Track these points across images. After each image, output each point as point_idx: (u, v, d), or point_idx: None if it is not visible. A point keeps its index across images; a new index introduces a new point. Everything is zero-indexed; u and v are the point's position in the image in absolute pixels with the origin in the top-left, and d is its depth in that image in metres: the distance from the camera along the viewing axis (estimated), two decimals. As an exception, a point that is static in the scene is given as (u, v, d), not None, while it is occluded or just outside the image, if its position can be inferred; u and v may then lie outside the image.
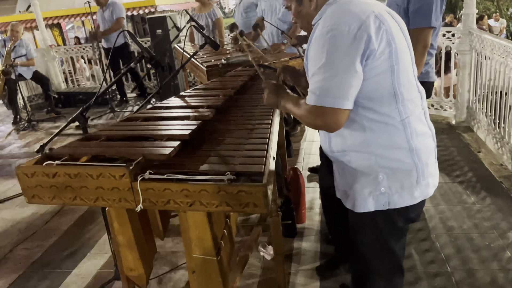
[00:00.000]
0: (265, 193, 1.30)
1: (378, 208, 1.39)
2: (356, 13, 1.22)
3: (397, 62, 1.27)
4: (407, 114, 1.32)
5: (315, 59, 1.25)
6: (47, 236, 2.97)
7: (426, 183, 1.39)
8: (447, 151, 3.66)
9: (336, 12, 1.27)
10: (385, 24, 1.24)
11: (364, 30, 1.20)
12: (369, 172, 1.37)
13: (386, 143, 1.32)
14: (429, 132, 1.40)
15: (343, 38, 1.20)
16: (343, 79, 1.20)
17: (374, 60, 1.23)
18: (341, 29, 1.20)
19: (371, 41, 1.21)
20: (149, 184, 1.39)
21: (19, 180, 1.54)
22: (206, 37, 2.36)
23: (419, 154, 1.34)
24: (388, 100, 1.29)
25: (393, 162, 1.34)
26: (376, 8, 1.27)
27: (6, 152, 4.96)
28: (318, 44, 1.24)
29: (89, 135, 1.78)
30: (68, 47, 7.59)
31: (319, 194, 3.14)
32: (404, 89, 1.30)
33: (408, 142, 1.32)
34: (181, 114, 1.95)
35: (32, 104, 6.78)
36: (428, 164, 1.38)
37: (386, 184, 1.36)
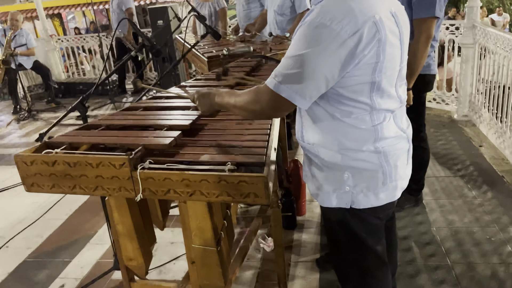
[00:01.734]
0: (266, 183, 1.29)
1: (341, 205, 1.37)
2: (355, 15, 1.11)
3: (380, 76, 1.20)
4: (380, 120, 1.28)
5: (297, 45, 1.16)
6: (47, 226, 2.96)
7: (393, 186, 1.35)
8: (448, 145, 3.64)
9: (336, 5, 1.15)
10: (381, 33, 1.14)
11: (356, 39, 1.11)
12: (335, 169, 1.34)
13: (354, 145, 1.29)
14: (403, 135, 1.35)
15: (332, 38, 1.10)
16: (313, 81, 1.15)
17: (355, 68, 1.16)
18: (333, 28, 1.10)
19: (359, 49, 1.12)
20: (149, 173, 1.38)
21: (18, 168, 1.53)
22: (207, 26, 2.34)
23: (386, 156, 1.30)
24: (361, 107, 1.25)
25: (359, 162, 1.30)
26: (380, 9, 1.16)
27: (6, 141, 4.95)
28: (306, 31, 1.15)
29: (89, 124, 1.77)
30: (69, 37, 7.54)
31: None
32: (381, 100, 1.25)
33: (375, 145, 1.29)
34: (181, 104, 1.94)
35: (32, 94, 6.75)
36: (397, 166, 1.34)
37: (351, 183, 1.33)
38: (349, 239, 1.44)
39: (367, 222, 1.41)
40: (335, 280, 2.11)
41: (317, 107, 1.29)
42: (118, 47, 6.26)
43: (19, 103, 6.10)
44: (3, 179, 3.82)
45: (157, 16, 5.98)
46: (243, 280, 2.20)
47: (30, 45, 6.01)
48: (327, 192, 1.38)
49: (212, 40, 4.23)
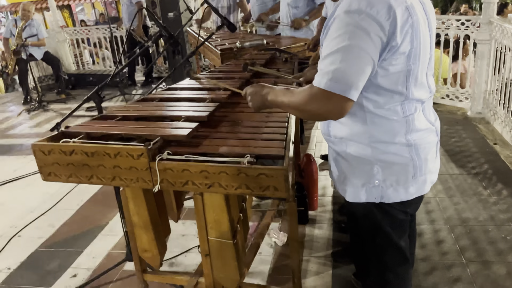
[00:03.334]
0: (286, 177, 1.27)
1: (370, 200, 1.36)
2: (387, 1, 1.12)
3: (415, 62, 1.20)
4: (411, 111, 1.28)
5: (337, 38, 1.13)
6: (58, 216, 2.97)
7: (423, 179, 1.35)
8: (462, 142, 3.60)
9: None
10: (413, 19, 1.15)
11: (392, 21, 1.11)
12: (365, 163, 1.32)
13: (385, 137, 1.28)
14: (432, 128, 1.35)
15: (370, 23, 1.10)
16: (360, 68, 1.12)
17: (393, 56, 1.16)
18: (369, 13, 1.10)
19: (395, 35, 1.12)
20: (168, 164, 1.37)
21: (35, 157, 1.52)
22: (223, 18, 2.31)
23: (417, 149, 1.30)
24: (396, 97, 1.24)
25: (390, 155, 1.29)
26: None
27: (17, 131, 4.97)
28: (342, 22, 1.13)
29: (105, 114, 1.76)
30: (79, 29, 7.54)
31: (331, 182, 3.11)
32: (414, 89, 1.25)
33: (406, 137, 1.28)
34: (197, 96, 1.92)
35: (43, 85, 6.77)
36: (428, 160, 1.34)
37: (381, 177, 1.32)
38: (374, 234, 1.43)
39: (395, 217, 1.41)
40: (348, 276, 2.10)
41: None
42: (127, 40, 6.24)
43: (29, 94, 6.12)
44: (15, 169, 3.84)
45: (168, 8, 5.95)
46: (256, 274, 2.19)
47: (41, 35, 6.02)
48: (356, 187, 1.37)
49: (224, 33, 4.22)
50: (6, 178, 3.65)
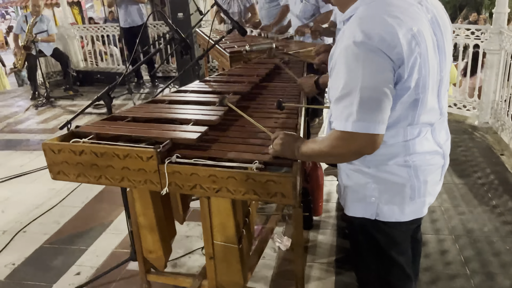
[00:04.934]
0: (294, 184, 1.28)
1: (366, 216, 1.34)
2: (393, 29, 1.07)
3: (423, 91, 1.16)
4: (413, 136, 1.23)
5: (347, 75, 1.10)
6: (63, 213, 2.99)
7: (421, 202, 1.31)
8: (468, 151, 3.59)
9: (370, 18, 1.11)
10: (421, 47, 1.10)
11: (399, 51, 1.07)
12: (362, 178, 1.30)
13: (383, 158, 1.25)
14: (439, 150, 1.30)
15: (378, 55, 1.06)
16: (381, 101, 1.09)
17: (401, 86, 1.13)
18: (374, 44, 1.06)
19: (403, 66, 1.09)
20: (176, 168, 1.38)
21: (45, 155, 1.53)
22: (234, 22, 2.31)
23: (417, 170, 1.26)
24: (401, 123, 1.21)
25: (386, 174, 1.26)
26: (417, 20, 1.12)
27: (24, 127, 5.00)
28: (350, 56, 1.09)
29: (115, 115, 1.77)
30: (88, 26, 7.58)
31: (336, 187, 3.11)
32: (422, 115, 1.21)
33: (405, 158, 1.24)
34: (206, 99, 1.93)
35: (50, 80, 6.81)
36: (427, 182, 1.29)
37: (377, 194, 1.29)
38: (372, 249, 1.41)
39: (391, 235, 1.37)
40: (351, 282, 2.10)
41: None
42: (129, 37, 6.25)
43: (37, 89, 6.15)
44: (21, 164, 3.86)
45: (178, 8, 5.98)
46: (259, 278, 2.20)
47: (51, 31, 6.05)
48: (353, 201, 1.36)
49: (233, 36, 4.23)
50: (12, 173, 3.67)
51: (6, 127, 5.01)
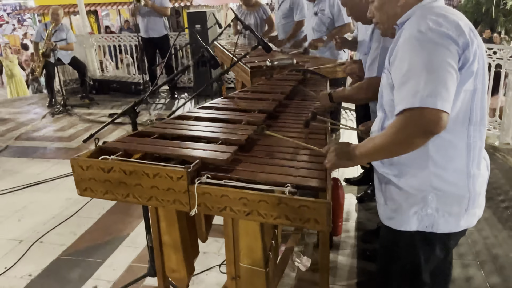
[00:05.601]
0: (328, 210, 1.25)
1: (420, 228, 1.33)
2: (455, 20, 1.18)
3: (481, 82, 1.23)
4: (475, 138, 1.27)
5: (413, 58, 1.13)
6: (80, 224, 2.98)
7: (473, 213, 1.34)
8: (490, 173, 3.51)
9: (431, 14, 1.20)
10: (477, 40, 1.20)
11: (463, 37, 1.15)
12: (419, 190, 1.30)
13: (446, 163, 1.26)
14: (486, 162, 1.37)
15: (444, 39, 1.13)
16: (448, 80, 1.10)
17: (464, 72, 1.17)
18: (440, 30, 1.14)
19: (468, 50, 1.16)
20: (206, 189, 1.35)
21: (73, 171, 1.52)
22: (259, 39, 2.31)
23: (475, 181, 1.28)
24: (461, 119, 1.24)
25: (448, 184, 1.27)
26: (466, 21, 1.23)
27: (41, 134, 5.04)
28: (416, 42, 1.15)
29: (142, 131, 1.76)
30: (106, 35, 7.67)
31: (355, 206, 3.07)
32: (479, 112, 1.25)
33: (468, 167, 1.26)
34: (233, 117, 1.91)
35: (67, 88, 6.87)
36: (480, 194, 1.33)
37: (435, 206, 1.29)
38: (405, 263, 1.41)
39: (434, 249, 1.38)
40: (374, 308, 2.04)
41: None
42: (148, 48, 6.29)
43: (54, 97, 6.22)
44: (38, 172, 3.88)
45: (195, 21, 6.03)
46: (279, 299, 2.16)
47: (70, 40, 6.12)
48: (407, 214, 1.34)
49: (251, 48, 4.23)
50: (29, 181, 3.69)
51: (23, 134, 5.05)
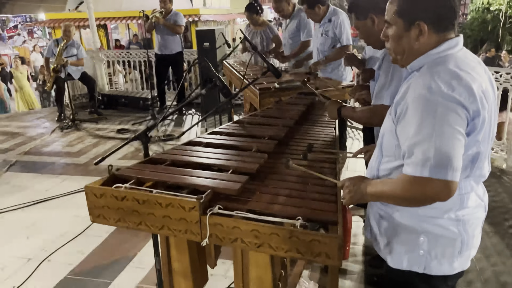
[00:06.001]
0: (340, 245, 1.26)
1: (412, 269, 1.34)
2: (468, 83, 1.14)
3: (484, 145, 1.22)
4: (467, 190, 1.28)
5: (423, 122, 1.13)
6: (88, 242, 3.00)
7: (467, 255, 1.34)
8: (498, 197, 3.51)
9: (445, 72, 1.16)
10: (488, 102, 1.18)
11: (474, 105, 1.13)
12: (411, 231, 1.31)
13: (436, 212, 1.27)
14: (481, 203, 1.35)
15: (455, 105, 1.11)
16: (457, 148, 1.12)
17: (471, 138, 1.17)
18: (452, 95, 1.12)
19: (478, 118, 1.15)
20: (218, 220, 1.37)
21: (87, 198, 1.55)
22: (269, 64, 2.35)
23: (465, 225, 1.29)
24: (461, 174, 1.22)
25: (438, 228, 1.28)
26: (483, 79, 1.20)
27: (50, 149, 5.09)
28: (425, 104, 1.13)
29: (154, 158, 1.79)
30: (116, 51, 7.79)
31: (362, 230, 3.06)
32: (477, 169, 1.26)
33: (456, 213, 1.27)
34: (243, 144, 1.94)
35: (76, 103, 6.93)
36: (474, 236, 1.33)
37: (426, 247, 1.30)
38: None
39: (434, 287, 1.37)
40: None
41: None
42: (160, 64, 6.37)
43: (63, 112, 6.29)
44: (46, 189, 3.91)
45: (204, 38, 6.11)
46: (286, 325, 2.15)
47: (81, 55, 6.22)
48: (399, 253, 1.35)
49: (260, 69, 4.29)
50: (38, 197, 3.72)
51: (32, 148, 5.11)
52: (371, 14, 1.98)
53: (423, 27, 1.22)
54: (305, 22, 4.29)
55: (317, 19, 3.83)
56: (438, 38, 1.23)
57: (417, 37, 1.24)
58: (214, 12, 14.42)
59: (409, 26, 1.24)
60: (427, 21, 1.22)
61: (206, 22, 13.04)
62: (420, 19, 1.22)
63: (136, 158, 4.45)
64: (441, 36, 1.23)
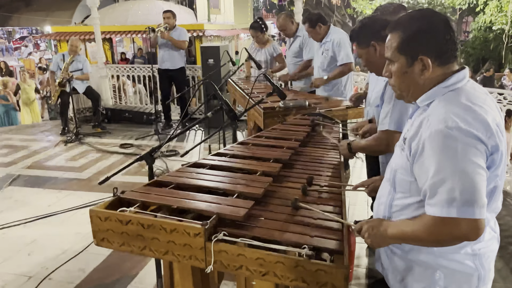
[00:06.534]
0: (346, 275, 1.25)
1: None
2: (483, 117, 1.12)
3: (501, 178, 1.21)
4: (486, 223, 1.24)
5: (443, 159, 1.10)
6: (89, 260, 2.98)
7: None
8: (502, 220, 3.48)
9: (458, 106, 1.15)
10: (503, 135, 1.17)
11: (493, 140, 1.12)
12: (426, 267, 1.29)
13: (455, 247, 1.24)
14: (495, 235, 1.33)
15: (473, 140, 1.09)
16: (481, 185, 1.09)
17: (491, 172, 1.15)
18: (469, 130, 1.09)
19: (497, 153, 1.13)
20: (223, 246, 1.37)
21: (91, 222, 1.55)
22: (275, 86, 2.36)
23: (481, 259, 1.27)
24: None
25: (454, 263, 1.26)
26: (494, 111, 1.19)
27: (53, 163, 5.09)
28: (444, 141, 1.11)
29: (159, 180, 1.79)
30: (121, 66, 7.85)
31: (365, 251, 3.04)
32: (493, 202, 1.25)
33: (473, 247, 1.25)
34: (248, 167, 1.94)
35: (80, 116, 6.98)
36: (491, 270, 1.31)
37: (443, 284, 1.28)
38: None
39: None
40: None
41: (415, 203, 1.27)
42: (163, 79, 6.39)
43: (67, 125, 6.32)
44: (49, 204, 3.90)
45: (208, 55, 6.16)
46: None
47: (86, 70, 6.27)
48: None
49: (264, 86, 4.31)
50: (40, 212, 3.70)
51: (35, 162, 5.11)
52: (373, 42, 2.00)
53: (426, 62, 1.21)
54: (308, 41, 4.33)
55: (318, 38, 3.88)
56: (443, 71, 1.22)
57: (422, 72, 1.22)
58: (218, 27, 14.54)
59: (412, 62, 1.23)
60: (430, 55, 1.20)
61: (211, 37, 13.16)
62: (422, 54, 1.20)
63: (139, 174, 4.45)
64: (445, 69, 1.22)
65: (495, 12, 13.11)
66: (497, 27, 13.25)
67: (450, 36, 1.20)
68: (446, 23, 1.20)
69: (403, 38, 1.23)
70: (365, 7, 18.07)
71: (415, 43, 1.21)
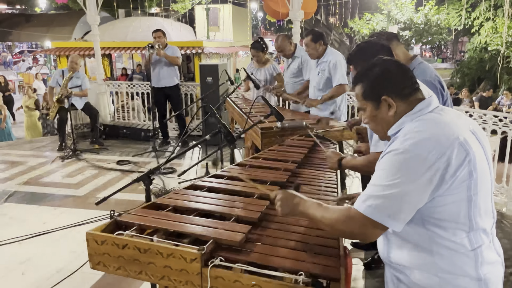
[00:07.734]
0: (342, 304, 1.25)
1: None
2: (439, 140, 1.18)
3: (476, 193, 1.22)
4: (479, 243, 1.26)
5: (383, 174, 1.22)
6: (84, 280, 2.95)
7: None
8: (499, 242, 3.48)
9: (418, 133, 1.22)
10: (470, 154, 1.20)
11: (444, 162, 1.17)
12: None
13: (453, 270, 1.26)
14: (499, 259, 1.33)
15: (418, 164, 1.17)
16: (404, 205, 1.19)
17: (449, 190, 1.19)
18: (418, 153, 1.17)
19: (446, 175, 1.18)
20: (220, 272, 1.36)
21: (87, 245, 1.54)
22: (272, 108, 2.39)
23: (487, 284, 1.26)
24: (461, 228, 1.24)
25: None
26: (462, 130, 1.23)
27: (49, 180, 5.07)
28: (391, 160, 1.22)
29: (156, 203, 1.79)
30: (120, 82, 7.91)
31: (362, 273, 3.03)
32: (479, 219, 1.26)
33: (477, 271, 1.25)
34: (245, 189, 1.94)
35: (77, 132, 6.98)
36: None
37: None
38: None
39: None
40: None
41: (411, 229, 1.28)
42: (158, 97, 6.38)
43: (65, 141, 6.31)
44: (44, 221, 3.88)
45: (207, 73, 6.22)
46: None
47: (85, 86, 6.30)
48: None
49: (262, 106, 4.34)
50: (35, 230, 3.67)
51: (32, 178, 5.09)
52: None
53: (389, 100, 1.32)
54: (306, 61, 4.38)
55: (315, 55, 3.92)
56: (408, 104, 1.32)
57: (389, 110, 1.34)
58: (217, 44, 14.69)
59: (378, 104, 1.35)
60: (391, 94, 1.32)
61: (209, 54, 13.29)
62: (384, 94, 1.33)
63: (136, 191, 4.43)
64: (409, 102, 1.32)
65: (490, 33, 13.33)
66: (493, 48, 13.45)
67: (404, 73, 1.34)
68: (397, 64, 1.36)
69: (365, 87, 1.37)
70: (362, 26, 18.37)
71: (375, 88, 1.35)
